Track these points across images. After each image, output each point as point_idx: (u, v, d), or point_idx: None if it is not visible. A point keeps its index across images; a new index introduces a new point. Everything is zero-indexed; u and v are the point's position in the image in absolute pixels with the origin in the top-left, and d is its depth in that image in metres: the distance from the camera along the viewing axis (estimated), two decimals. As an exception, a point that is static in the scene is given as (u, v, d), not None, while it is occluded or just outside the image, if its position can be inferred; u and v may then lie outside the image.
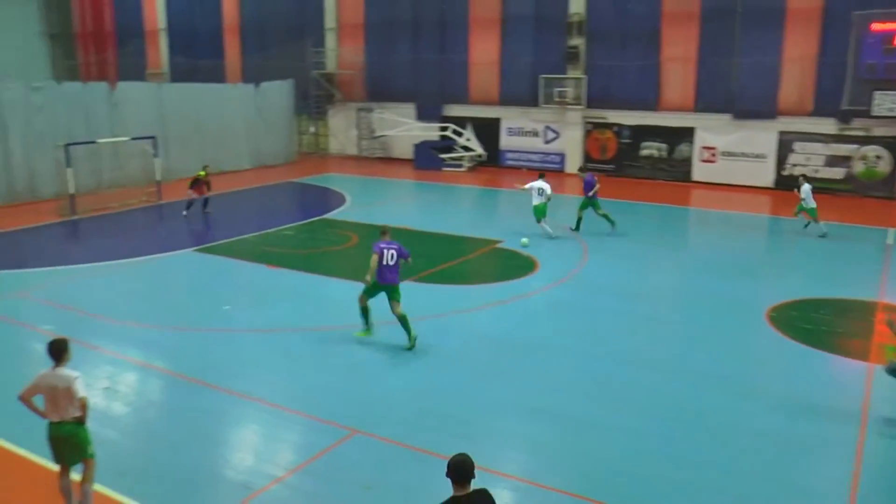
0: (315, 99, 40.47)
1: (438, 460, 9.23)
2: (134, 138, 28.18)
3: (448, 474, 5.70)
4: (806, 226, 22.15)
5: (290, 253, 20.02)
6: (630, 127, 33.14)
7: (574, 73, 33.42)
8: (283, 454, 9.66)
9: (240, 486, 8.78)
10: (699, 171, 31.95)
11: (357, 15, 39.74)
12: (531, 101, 34.91)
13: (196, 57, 44.22)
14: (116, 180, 28.70)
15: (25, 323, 14.48)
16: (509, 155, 36.39)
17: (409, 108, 38.20)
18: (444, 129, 36.48)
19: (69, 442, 7.91)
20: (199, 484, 8.88)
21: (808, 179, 22.19)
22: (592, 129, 34.13)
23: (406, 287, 16.38)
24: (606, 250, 20.13)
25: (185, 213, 24.23)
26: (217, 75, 42.88)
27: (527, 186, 21.31)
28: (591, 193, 21.90)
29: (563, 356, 12.90)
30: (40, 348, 13.35)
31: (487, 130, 36.55)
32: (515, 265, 18.71)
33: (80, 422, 7.90)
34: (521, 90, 35.30)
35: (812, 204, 21.47)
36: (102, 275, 17.79)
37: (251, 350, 13.22)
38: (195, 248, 20.04)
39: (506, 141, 36.39)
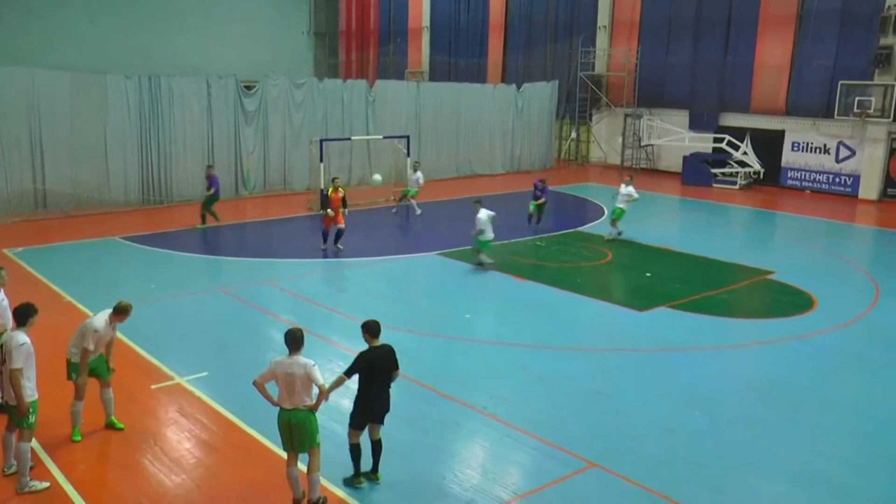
0: (579, 102, 40.56)
1: (684, 509, 8.83)
2: (387, 136, 29.83)
3: (364, 331, 9.10)
4: None
5: (540, 265, 20.17)
6: (949, 145, 29.86)
7: (882, 78, 30.60)
8: (513, 477, 9.66)
9: (464, 504, 8.90)
10: None
11: (633, 12, 39.30)
12: (824, 111, 32.54)
13: (458, 56, 46.06)
14: (366, 177, 30.50)
15: (267, 310, 15.81)
16: (791, 173, 34.20)
17: (682, 116, 37.19)
18: (718, 140, 35.04)
19: (301, 429, 8.48)
20: (422, 494, 9.13)
21: None
22: (899, 148, 31.19)
23: (662, 314, 16.09)
24: (906, 292, 18.28)
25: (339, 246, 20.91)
26: (478, 75, 44.40)
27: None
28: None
29: (841, 416, 11.79)
30: (278, 336, 14.57)
31: (768, 144, 34.58)
32: (789, 301, 17.50)
33: (312, 410, 8.52)
34: (813, 99, 33.05)
35: None
36: (345, 271, 18.94)
37: (489, 363, 13.42)
38: (439, 251, 20.76)
39: (788, 157, 34.23)
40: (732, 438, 10.79)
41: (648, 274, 19.48)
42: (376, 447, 9.33)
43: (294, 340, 8.61)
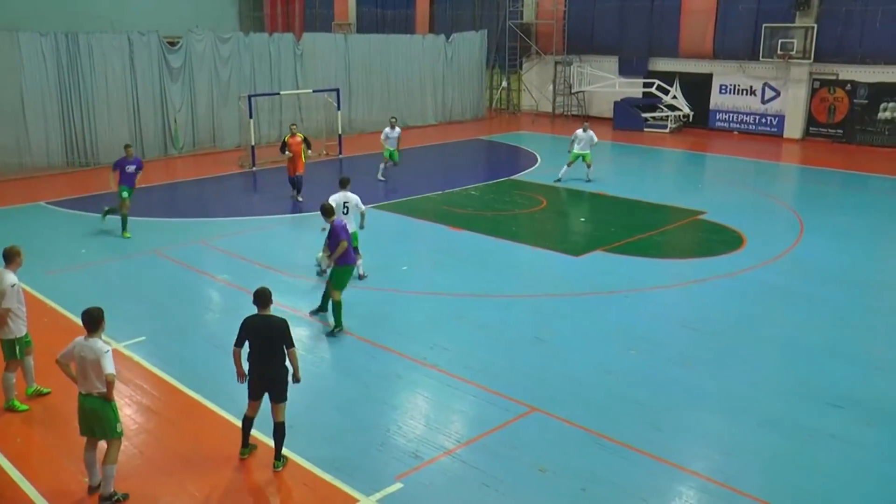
0: (509, 51, 40.42)
1: (622, 448, 9.10)
2: (317, 90, 29.42)
3: (253, 301, 8.60)
4: None
5: (475, 214, 20.24)
6: (867, 85, 30.62)
7: (804, 21, 31.22)
8: (456, 426, 9.80)
9: (409, 455, 9.00)
10: (953, 140, 29.09)
11: (559, -41, 39.19)
12: (749, 54, 33.11)
13: (385, 6, 45.37)
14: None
15: (202, 270, 15.66)
16: (719, 116, 34.80)
17: (612, 62, 37.42)
18: (648, 85, 35.43)
19: (94, 416, 7.99)
20: (367, 448, 9.19)
21: None
22: (820, 88, 31.89)
23: (597, 257, 16.35)
24: (827, 228, 18.89)
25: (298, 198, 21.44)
26: (406, 26, 43.85)
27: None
28: None
29: (771, 348, 12.22)
30: (216, 296, 14.53)
31: (697, 88, 35.11)
32: (719, 240, 17.95)
33: (106, 398, 7.95)
34: (739, 42, 33.55)
35: None
36: (279, 227, 18.78)
37: (428, 314, 13.50)
38: (374, 205, 20.65)
39: (717, 100, 34.81)
40: (667, 376, 11.08)
41: (583, 219, 19.74)
42: (275, 431, 8.69)
43: (90, 320, 7.97)
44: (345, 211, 14.18)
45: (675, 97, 35.24)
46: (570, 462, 8.88)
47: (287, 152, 20.99)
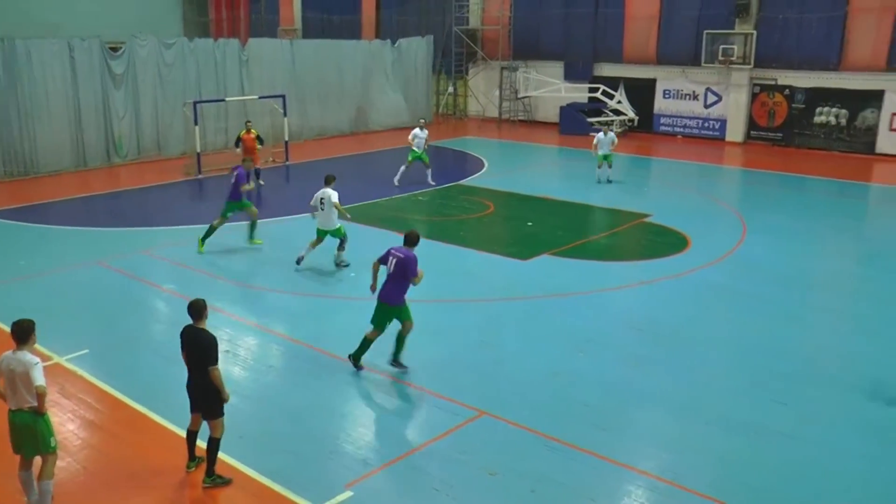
0: (455, 57, 40.51)
1: (571, 450, 9.16)
2: (263, 97, 29.16)
3: (191, 312, 8.38)
4: None
5: (423, 220, 20.22)
6: (804, 90, 31.32)
7: (743, 27, 31.89)
8: (406, 432, 9.78)
9: (359, 462, 8.95)
10: (886, 142, 29.82)
11: (505, -35, 39.41)
12: (692, 60, 33.65)
13: (331, 12, 45.16)
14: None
15: (148, 280, 15.35)
16: (663, 120, 35.31)
17: (557, 68, 37.69)
18: (593, 90, 35.79)
19: (27, 432, 7.70)
20: (316, 456, 9.12)
21: None
22: (760, 92, 32.56)
23: (545, 261, 16.46)
24: (768, 229, 19.29)
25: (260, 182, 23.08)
26: (352, 31, 43.68)
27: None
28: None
29: (714, 346, 12.45)
30: (162, 306, 14.30)
31: (641, 92, 35.54)
32: (665, 242, 18.20)
33: (37, 412, 7.65)
34: (682, 48, 34.07)
35: None
36: (226, 236, 18.53)
37: (376, 321, 13.42)
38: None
39: (661, 104, 35.30)
40: (615, 377, 11.20)
41: (530, 223, 19.84)
42: (208, 445, 8.44)
43: (20, 332, 7.66)
44: (322, 207, 15.40)
45: (619, 102, 35.63)
46: (519, 465, 8.92)
47: (239, 148, 22.81)
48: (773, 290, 14.91)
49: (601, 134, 24.31)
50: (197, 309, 8.45)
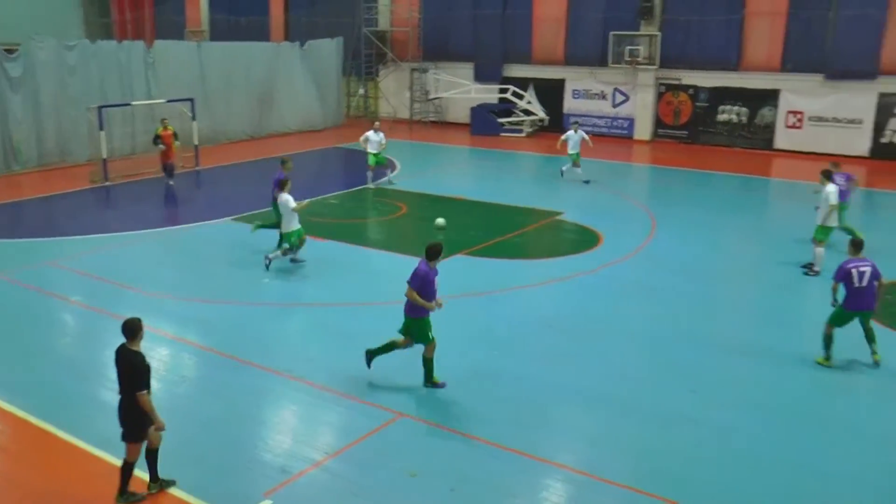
0: (365, 59, 40.36)
1: (491, 447, 9.23)
2: (170, 100, 28.50)
3: (124, 332, 8.02)
4: None
5: (335, 223, 20.08)
6: (707, 89, 32.40)
7: (648, 29, 32.75)
8: (323, 437, 9.70)
9: (277, 470, 8.84)
10: (783, 139, 31.13)
11: (412, -33, 39.44)
12: (599, 60, 34.36)
13: (238, 13, 44.46)
14: (152, 145, 29.12)
15: (54, 293, 14.80)
16: (573, 119, 35.75)
17: (467, 69, 37.91)
18: (503, 91, 36.14)
19: None
20: (233, 466, 8.97)
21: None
22: (665, 92, 33.48)
23: (459, 261, 16.56)
24: (676, 224, 19.86)
25: (170, 182, 24.02)
26: (261, 33, 43.07)
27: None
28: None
29: (627, 339, 12.76)
30: (70, 319, 13.83)
31: (550, 93, 36.06)
32: (578, 239, 18.54)
33: None
34: (589, 49, 34.73)
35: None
36: (135, 244, 18.08)
37: (291, 326, 13.36)
38: (233, 217, 20.21)
39: (570, 104, 35.88)
40: (531, 373, 11.33)
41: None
42: (146, 455, 8.23)
43: None
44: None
45: (529, 102, 36.07)
46: (439, 464, 8.95)
47: (160, 144, 23.67)
48: (681, 282, 15.36)
49: (571, 132, 24.62)
50: (130, 329, 8.10)
